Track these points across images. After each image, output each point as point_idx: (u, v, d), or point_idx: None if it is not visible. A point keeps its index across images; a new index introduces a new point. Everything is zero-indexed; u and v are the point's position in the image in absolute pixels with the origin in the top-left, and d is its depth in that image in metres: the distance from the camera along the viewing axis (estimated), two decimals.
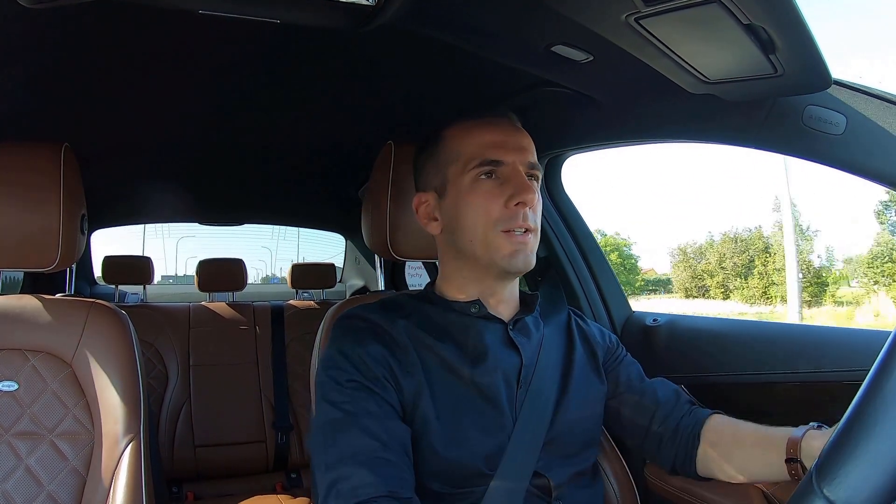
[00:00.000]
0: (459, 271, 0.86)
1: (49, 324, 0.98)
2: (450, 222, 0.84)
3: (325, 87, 1.22)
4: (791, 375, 0.96)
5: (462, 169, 0.82)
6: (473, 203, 0.81)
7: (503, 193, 0.80)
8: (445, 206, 0.84)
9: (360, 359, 0.76)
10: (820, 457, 0.42)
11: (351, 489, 0.67)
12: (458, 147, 0.83)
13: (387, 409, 0.74)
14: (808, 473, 0.42)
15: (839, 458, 0.41)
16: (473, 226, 0.81)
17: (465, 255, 0.83)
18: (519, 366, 0.83)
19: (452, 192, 0.83)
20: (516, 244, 0.80)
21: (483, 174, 0.81)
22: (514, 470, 0.77)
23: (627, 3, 0.63)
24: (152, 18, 0.89)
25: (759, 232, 22.24)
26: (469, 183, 0.81)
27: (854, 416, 0.42)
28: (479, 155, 0.81)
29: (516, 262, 0.80)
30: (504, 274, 0.83)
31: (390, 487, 0.67)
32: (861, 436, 0.41)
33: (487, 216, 0.80)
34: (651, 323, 1.21)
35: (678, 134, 1.01)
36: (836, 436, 0.42)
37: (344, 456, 0.69)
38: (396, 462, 0.70)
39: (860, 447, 0.40)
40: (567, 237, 1.34)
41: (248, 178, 2.03)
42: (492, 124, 0.84)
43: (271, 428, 2.08)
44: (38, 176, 0.96)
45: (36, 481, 0.93)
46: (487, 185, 0.81)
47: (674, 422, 0.88)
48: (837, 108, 0.76)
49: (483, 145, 0.81)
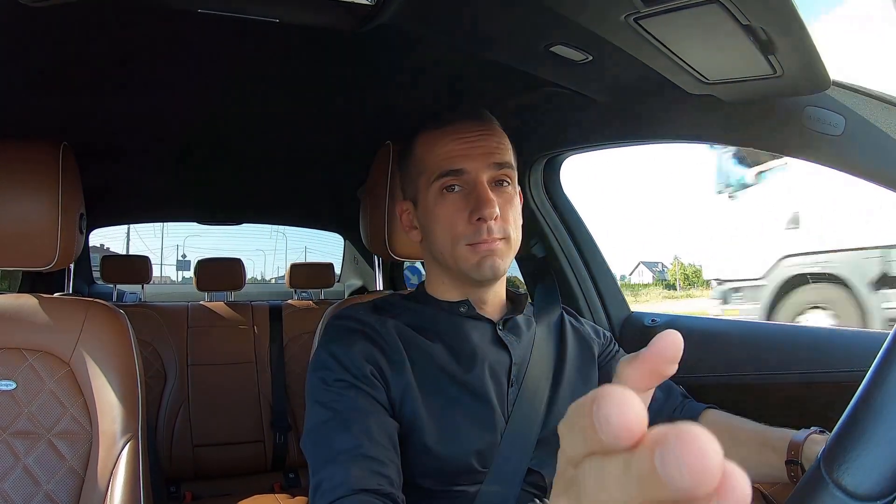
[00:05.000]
0: (441, 277, 0.87)
1: (47, 323, 0.98)
2: (425, 232, 0.86)
3: (325, 87, 1.22)
4: (790, 376, 0.96)
5: (428, 181, 0.82)
6: (439, 217, 0.82)
7: (467, 207, 0.80)
8: (420, 217, 0.86)
9: (349, 358, 0.76)
10: (827, 444, 0.42)
11: (331, 488, 0.67)
12: (424, 158, 0.84)
13: (375, 405, 0.74)
14: (814, 461, 0.42)
15: (846, 443, 0.40)
16: (441, 240, 0.82)
17: (441, 264, 0.85)
18: (509, 364, 0.83)
19: (422, 204, 0.84)
20: (482, 253, 0.80)
21: (446, 186, 0.81)
22: (508, 468, 0.77)
23: (627, 3, 0.63)
24: (151, 17, 0.89)
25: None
26: (434, 197, 0.82)
27: (861, 401, 0.42)
28: (440, 166, 0.81)
29: (483, 271, 0.81)
30: (476, 282, 0.83)
31: (371, 484, 0.67)
32: (868, 421, 0.40)
33: (453, 230, 0.80)
34: (649, 323, 1.21)
35: (677, 134, 1.01)
36: (843, 422, 0.42)
37: (330, 455, 0.70)
38: (381, 459, 0.70)
39: (867, 432, 0.40)
40: (566, 237, 1.34)
41: (246, 178, 2.03)
42: (456, 130, 0.82)
43: (269, 428, 2.08)
44: (36, 175, 0.96)
45: (34, 481, 0.92)
46: (451, 198, 0.81)
47: (666, 416, 0.88)
48: (836, 108, 0.76)
49: (444, 155, 0.81)
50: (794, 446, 0.73)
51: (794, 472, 0.73)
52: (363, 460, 0.69)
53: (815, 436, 0.73)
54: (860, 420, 0.41)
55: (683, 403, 0.89)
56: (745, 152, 4.04)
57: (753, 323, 1.14)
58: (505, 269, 0.83)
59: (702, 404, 0.89)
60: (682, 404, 0.89)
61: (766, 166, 4.11)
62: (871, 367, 0.43)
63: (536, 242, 1.35)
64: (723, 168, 4.51)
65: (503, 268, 0.82)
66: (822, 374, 0.91)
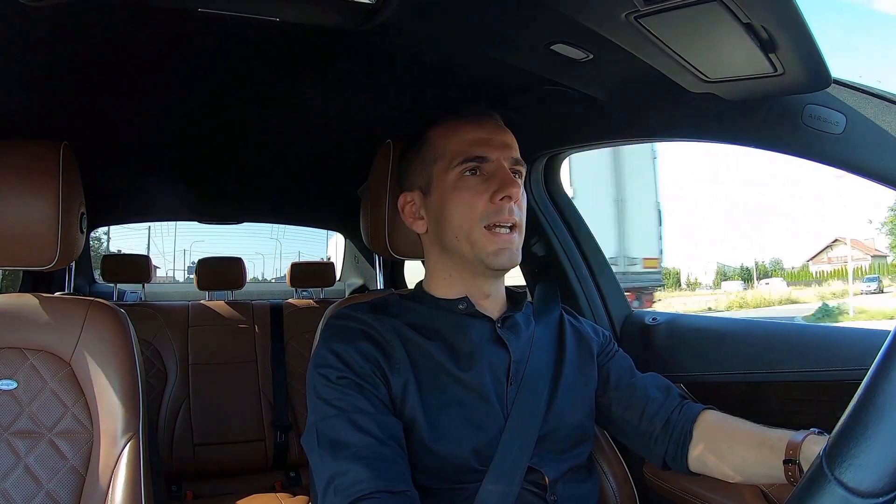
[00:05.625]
0: (446, 269, 0.87)
1: (48, 322, 0.98)
2: (435, 220, 0.85)
3: (325, 86, 1.21)
4: (790, 374, 0.96)
5: (447, 166, 0.83)
6: (458, 199, 0.82)
7: (488, 189, 0.81)
8: (431, 204, 0.86)
9: (350, 356, 0.77)
10: (829, 440, 0.42)
11: (348, 485, 0.67)
12: (443, 145, 0.85)
13: (378, 404, 0.75)
14: (816, 458, 0.42)
15: (849, 440, 0.40)
16: (459, 222, 0.82)
17: (451, 252, 0.84)
18: (508, 362, 0.83)
19: (437, 189, 0.84)
20: (501, 242, 0.81)
21: (468, 171, 0.82)
22: (508, 466, 0.77)
23: (627, 1, 0.63)
24: (151, 17, 0.89)
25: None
26: (454, 180, 0.83)
27: (864, 397, 0.42)
28: (463, 152, 0.82)
29: (501, 260, 0.81)
30: (489, 271, 0.84)
31: (387, 482, 0.68)
32: (872, 417, 0.40)
33: (472, 211, 0.81)
34: (650, 322, 1.21)
35: (678, 133, 1.01)
36: (846, 419, 0.42)
37: (339, 452, 0.70)
38: (391, 457, 0.71)
39: (870, 429, 0.40)
40: (566, 237, 1.34)
41: (247, 177, 2.03)
42: (476, 122, 0.85)
43: (270, 427, 2.08)
44: (37, 174, 0.96)
45: (35, 480, 0.93)
46: (472, 181, 0.82)
47: (664, 416, 0.88)
48: (837, 107, 0.76)
49: (468, 143, 0.83)
50: (792, 446, 0.73)
51: (792, 473, 0.73)
52: (374, 458, 0.69)
53: (814, 436, 0.73)
54: (863, 417, 0.41)
55: (682, 404, 0.89)
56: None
57: (753, 322, 1.14)
58: (518, 260, 0.84)
59: (700, 405, 0.89)
60: (681, 405, 0.89)
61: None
62: (874, 364, 0.42)
63: (537, 241, 1.35)
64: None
65: (517, 260, 0.83)
66: (822, 373, 0.91)
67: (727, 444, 0.83)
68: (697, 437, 0.85)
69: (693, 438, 0.85)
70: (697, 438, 0.85)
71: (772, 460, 0.75)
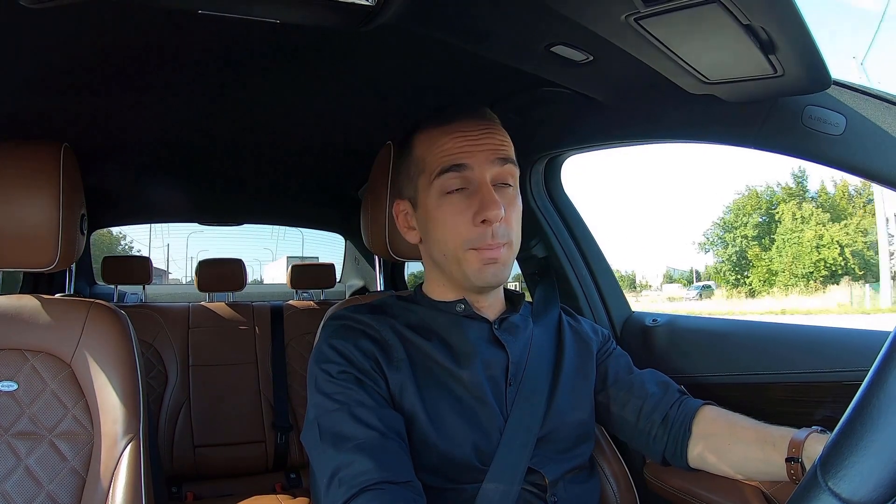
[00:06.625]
0: (440, 279, 0.87)
1: (48, 324, 0.98)
2: (425, 233, 0.85)
3: (325, 87, 1.22)
4: (790, 375, 0.96)
5: (429, 180, 0.81)
6: (442, 220, 0.80)
7: (470, 208, 0.78)
8: (419, 218, 0.85)
9: (350, 352, 0.77)
10: (824, 450, 0.42)
11: (353, 476, 0.67)
12: (423, 157, 0.82)
13: (379, 399, 0.75)
14: (811, 467, 0.42)
15: (844, 450, 0.40)
16: (443, 243, 0.81)
17: (441, 267, 0.84)
18: (506, 363, 0.83)
19: (423, 205, 0.83)
20: (486, 259, 0.79)
21: (451, 183, 0.79)
22: (508, 466, 0.77)
23: (627, 3, 0.63)
24: (152, 18, 0.89)
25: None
26: (436, 198, 0.80)
27: (858, 408, 0.42)
28: (441, 163, 0.80)
29: (486, 277, 0.80)
30: (476, 288, 0.83)
31: (391, 472, 0.68)
32: (866, 428, 0.40)
33: (456, 235, 0.79)
34: (650, 323, 1.21)
35: (678, 134, 1.01)
36: (840, 428, 0.42)
37: (342, 444, 0.70)
38: (394, 449, 0.71)
39: (865, 439, 0.40)
40: (567, 237, 1.34)
41: (247, 178, 2.03)
42: (457, 129, 0.81)
43: (271, 428, 2.08)
44: (37, 175, 0.96)
45: (35, 481, 0.93)
46: (454, 199, 0.79)
47: (662, 412, 0.88)
48: (837, 108, 0.76)
49: (446, 152, 0.80)
50: (794, 444, 0.73)
51: (794, 471, 0.73)
52: (378, 449, 0.70)
53: (817, 434, 0.73)
54: (857, 427, 0.41)
55: (680, 399, 0.89)
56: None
57: (753, 323, 1.14)
58: (507, 276, 0.83)
59: (699, 400, 0.89)
60: (679, 400, 0.89)
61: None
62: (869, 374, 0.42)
63: (537, 242, 1.35)
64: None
65: (505, 275, 0.82)
66: (822, 374, 0.91)
67: (728, 440, 0.82)
68: (697, 433, 0.85)
69: (693, 434, 0.85)
70: (697, 434, 0.85)
71: (774, 458, 0.75)
